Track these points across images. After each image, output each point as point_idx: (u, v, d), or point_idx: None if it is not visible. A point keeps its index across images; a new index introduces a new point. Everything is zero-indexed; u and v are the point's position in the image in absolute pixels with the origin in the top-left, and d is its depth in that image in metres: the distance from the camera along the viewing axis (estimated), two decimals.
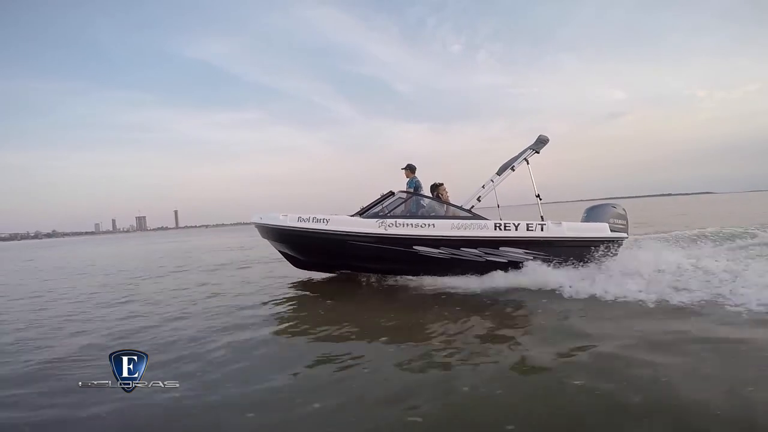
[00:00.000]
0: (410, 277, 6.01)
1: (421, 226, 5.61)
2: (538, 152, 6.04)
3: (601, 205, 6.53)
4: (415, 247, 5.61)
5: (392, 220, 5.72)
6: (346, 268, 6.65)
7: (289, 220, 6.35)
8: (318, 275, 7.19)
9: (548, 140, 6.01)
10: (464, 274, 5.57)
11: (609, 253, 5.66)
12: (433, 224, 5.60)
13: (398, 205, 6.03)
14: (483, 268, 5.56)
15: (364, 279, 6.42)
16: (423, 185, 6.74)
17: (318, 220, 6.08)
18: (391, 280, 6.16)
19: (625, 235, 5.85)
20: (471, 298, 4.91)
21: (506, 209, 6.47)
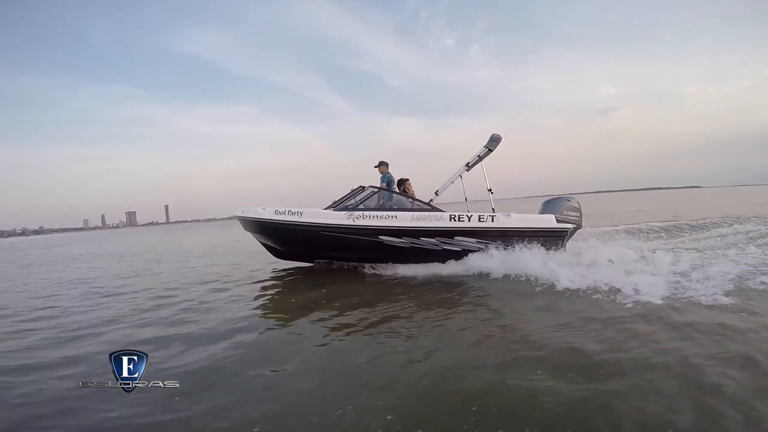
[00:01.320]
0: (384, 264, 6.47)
1: (385, 217, 6.16)
2: (492, 150, 6.57)
3: (557, 198, 7.15)
4: (380, 237, 6.17)
5: (360, 213, 6.26)
6: (321, 258, 7.18)
7: (266, 213, 6.87)
8: (296, 265, 7.72)
9: (501, 139, 6.54)
10: (424, 261, 6.15)
11: (556, 242, 6.29)
12: (396, 216, 6.16)
13: (367, 199, 6.55)
14: (440, 256, 6.15)
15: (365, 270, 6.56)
16: (395, 180, 7.33)
17: (293, 213, 6.61)
18: (365, 268, 6.66)
19: (570, 226, 6.43)
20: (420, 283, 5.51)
21: (502, 202, 6.88)
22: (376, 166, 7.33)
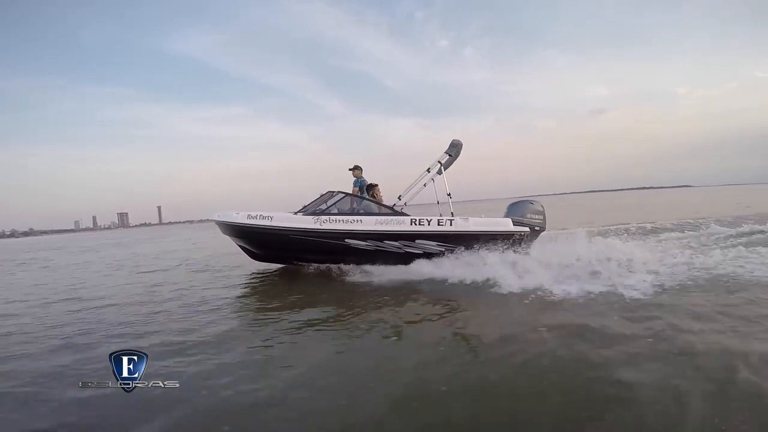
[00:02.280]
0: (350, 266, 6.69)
1: (350, 221, 6.45)
2: (451, 155, 6.85)
3: (521, 201, 7.45)
4: (347, 240, 6.47)
5: (326, 217, 6.54)
6: (293, 260, 7.47)
7: (240, 217, 7.14)
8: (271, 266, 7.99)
9: (461, 144, 6.80)
10: (389, 263, 6.41)
11: (515, 244, 6.52)
12: (361, 220, 6.45)
13: (335, 203, 6.83)
14: (403, 258, 6.43)
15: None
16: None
17: (264, 217, 6.88)
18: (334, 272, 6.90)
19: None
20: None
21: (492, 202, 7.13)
22: (350, 170, 7.62)
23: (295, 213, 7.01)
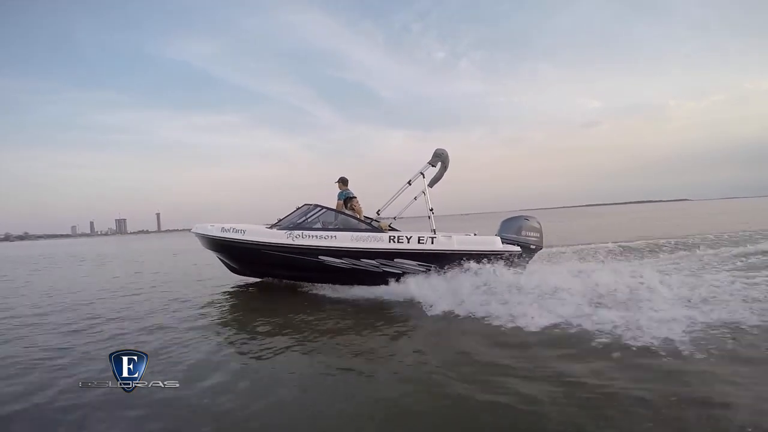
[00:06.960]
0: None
1: (324, 237, 6.01)
2: (434, 165, 6.35)
3: (516, 217, 6.76)
4: (320, 257, 6.02)
5: (299, 232, 6.11)
6: (269, 275, 7.05)
7: (214, 230, 6.76)
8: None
9: (446, 153, 6.28)
10: (366, 283, 5.94)
11: (506, 265, 5.74)
12: (335, 236, 6.00)
13: (311, 217, 6.39)
14: (381, 278, 5.89)
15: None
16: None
17: (237, 231, 6.49)
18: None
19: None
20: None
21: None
22: (336, 182, 7.24)
23: (270, 226, 6.64)
